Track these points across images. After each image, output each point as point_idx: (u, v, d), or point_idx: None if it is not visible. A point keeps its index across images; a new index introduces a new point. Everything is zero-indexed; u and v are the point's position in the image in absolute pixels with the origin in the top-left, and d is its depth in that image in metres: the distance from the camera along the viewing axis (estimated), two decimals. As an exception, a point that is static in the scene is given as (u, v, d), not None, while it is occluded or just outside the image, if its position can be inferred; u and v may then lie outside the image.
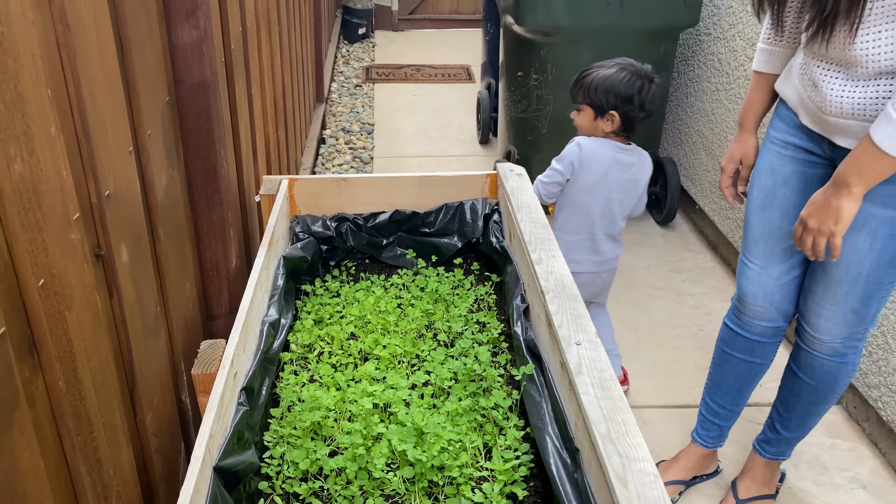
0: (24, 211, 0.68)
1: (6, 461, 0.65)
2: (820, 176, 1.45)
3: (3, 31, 0.65)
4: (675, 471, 1.82)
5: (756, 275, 1.58)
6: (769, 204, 1.52)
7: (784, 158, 1.49)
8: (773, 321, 1.60)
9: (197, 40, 1.23)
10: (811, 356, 1.53)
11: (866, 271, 1.38)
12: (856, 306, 1.43)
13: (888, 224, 1.33)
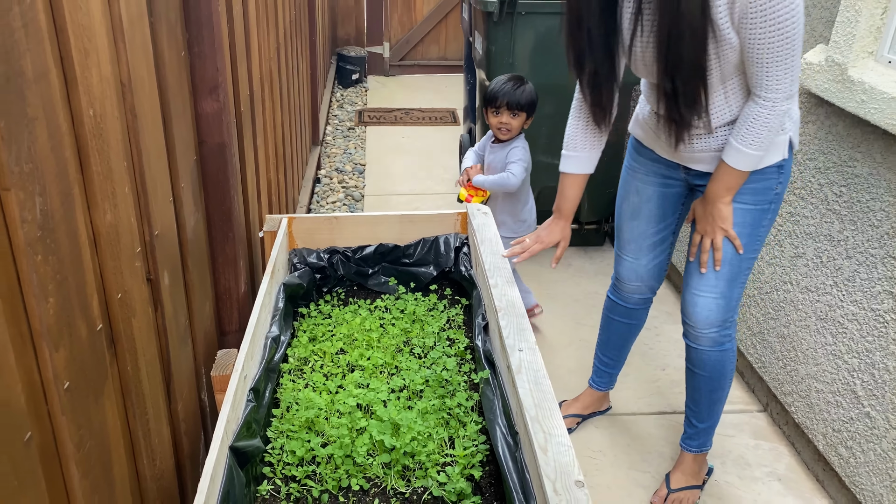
0: (110, 246, 1.00)
1: (100, 417, 0.95)
2: (676, 194, 1.87)
3: (102, 126, 0.97)
4: (575, 407, 2.30)
5: (630, 264, 2.00)
6: (637, 216, 1.93)
7: (647, 183, 1.88)
8: (644, 294, 2.06)
9: (217, 111, 1.56)
10: (699, 352, 1.86)
11: (729, 258, 1.73)
12: (722, 289, 1.76)
13: (744, 215, 1.69)
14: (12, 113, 0.72)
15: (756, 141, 1.56)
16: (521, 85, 2.45)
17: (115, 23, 1.02)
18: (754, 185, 1.66)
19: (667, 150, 1.77)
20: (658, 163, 1.84)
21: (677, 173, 1.82)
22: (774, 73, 1.48)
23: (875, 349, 1.79)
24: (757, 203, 1.68)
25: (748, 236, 1.71)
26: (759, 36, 1.44)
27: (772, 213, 1.71)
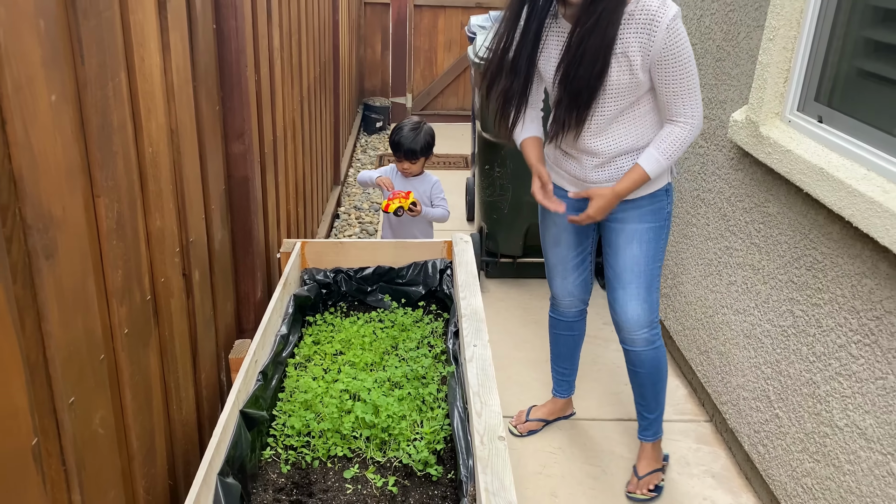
0: (158, 243, 1.41)
1: (145, 361, 1.36)
2: (586, 225, 2.22)
3: (157, 159, 1.39)
4: (541, 412, 2.64)
5: (560, 283, 2.37)
6: (558, 243, 2.29)
7: (561, 216, 2.21)
8: (578, 307, 2.42)
9: (243, 152, 1.99)
10: (637, 353, 2.19)
11: (643, 268, 2.09)
12: (646, 296, 2.11)
13: (645, 234, 2.07)
14: (103, 149, 1.15)
15: (671, 153, 1.94)
16: (418, 134, 2.89)
17: (168, 89, 1.46)
18: (651, 206, 2.06)
19: (575, 185, 2.13)
20: (567, 197, 2.18)
21: (585, 204, 2.15)
22: (686, 102, 1.89)
23: (781, 359, 2.12)
24: (656, 221, 2.08)
25: (654, 249, 2.09)
26: (670, 74, 1.85)
27: (667, 228, 2.11)
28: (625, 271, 2.12)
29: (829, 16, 2.00)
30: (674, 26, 1.82)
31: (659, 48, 1.83)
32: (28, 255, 0.94)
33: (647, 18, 1.83)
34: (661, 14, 1.81)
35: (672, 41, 1.83)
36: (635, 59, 1.86)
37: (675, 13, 1.82)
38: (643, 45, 1.85)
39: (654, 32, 1.82)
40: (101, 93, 1.13)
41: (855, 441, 1.77)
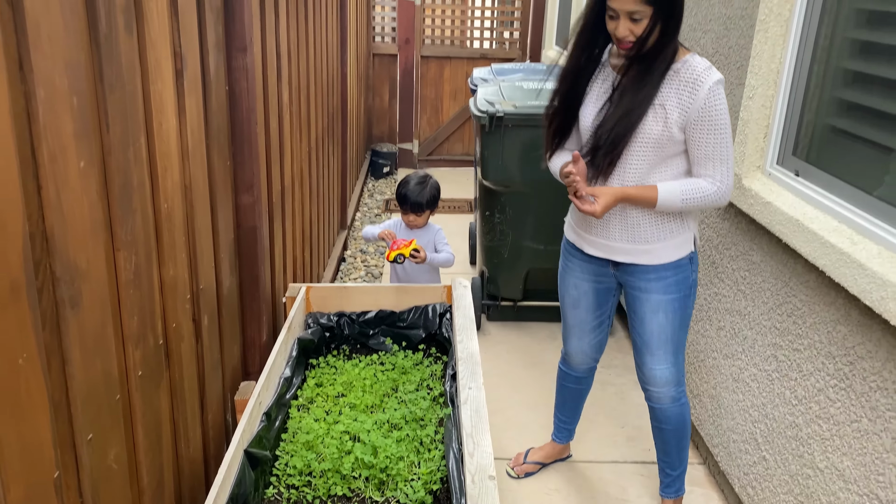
0: (171, 291, 1.53)
1: (156, 402, 1.46)
2: (607, 288, 2.24)
3: (171, 214, 1.51)
4: (539, 455, 2.69)
5: (576, 343, 2.40)
6: (577, 306, 2.31)
7: (582, 280, 2.25)
8: (589, 364, 2.46)
9: (251, 203, 2.12)
10: (663, 410, 2.23)
11: (670, 335, 2.12)
12: (673, 360, 2.15)
13: (671, 304, 2.09)
14: (124, 206, 1.27)
15: (689, 197, 1.94)
16: (424, 188, 2.95)
17: (183, 148, 1.59)
18: (676, 277, 2.07)
19: (595, 245, 2.15)
20: (590, 262, 2.20)
21: (607, 270, 2.18)
22: (718, 167, 1.92)
23: (767, 402, 2.20)
24: (681, 290, 2.09)
25: (681, 317, 2.11)
26: (705, 136, 1.90)
27: (693, 296, 2.12)
28: (652, 339, 2.14)
29: (804, 77, 2.12)
30: (716, 90, 1.87)
31: (698, 108, 1.88)
32: (56, 305, 1.05)
33: (691, 78, 1.88)
34: (706, 77, 1.87)
35: (711, 104, 1.87)
36: (672, 114, 1.91)
37: (718, 79, 1.87)
38: (682, 102, 1.89)
39: (696, 92, 1.87)
40: (123, 156, 1.26)
41: (835, 482, 1.84)
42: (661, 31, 1.85)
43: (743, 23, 2.39)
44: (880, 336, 1.66)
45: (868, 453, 1.70)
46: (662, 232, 2.05)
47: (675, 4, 1.85)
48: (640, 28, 1.83)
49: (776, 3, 2.14)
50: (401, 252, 2.80)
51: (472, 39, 6.87)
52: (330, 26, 3.97)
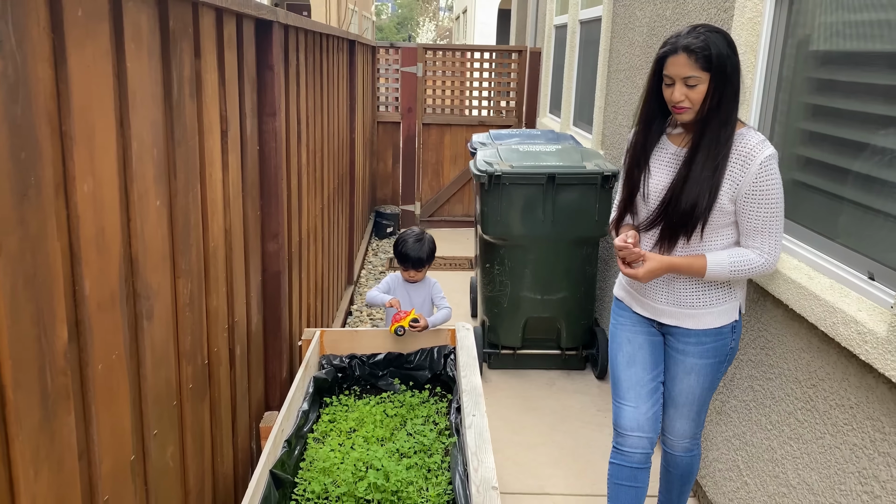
0: (214, 318, 1.75)
1: (201, 415, 1.66)
2: (658, 342, 2.20)
3: (216, 252, 1.75)
4: None
5: (632, 411, 2.16)
6: (633, 363, 2.18)
7: (636, 332, 2.20)
8: (645, 449, 2.17)
9: (276, 250, 2.37)
10: (675, 457, 2.30)
11: (697, 396, 2.17)
12: (695, 417, 2.21)
13: (704, 368, 2.12)
14: (184, 242, 1.51)
15: (737, 267, 1.96)
16: (423, 245, 3.09)
17: (225, 198, 1.84)
18: (715, 344, 2.08)
19: (642, 305, 2.18)
20: (637, 319, 2.21)
21: (653, 326, 2.19)
22: (767, 240, 1.93)
23: (746, 430, 2.39)
24: (716, 356, 2.10)
25: (711, 381, 2.14)
26: (756, 210, 1.91)
27: (727, 363, 2.14)
28: (679, 397, 2.18)
29: (767, 136, 2.40)
30: (768, 164, 1.88)
31: (749, 182, 1.89)
32: (136, 316, 1.28)
33: (744, 151, 1.91)
34: (758, 151, 1.89)
35: (763, 178, 1.88)
36: (724, 187, 1.93)
37: (771, 153, 1.89)
38: (734, 175, 1.91)
39: (747, 166, 1.89)
40: (184, 200, 1.51)
41: (805, 496, 2.02)
42: (719, 98, 1.88)
43: (713, 90, 2.69)
44: (836, 358, 1.88)
45: (831, 465, 1.90)
46: (708, 298, 2.06)
47: (733, 70, 1.89)
48: (697, 93, 1.88)
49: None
50: (401, 324, 2.83)
51: (470, 108, 7.27)
52: (341, 96, 4.30)
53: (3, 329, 0.85)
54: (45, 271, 0.95)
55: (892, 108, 1.81)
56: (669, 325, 2.14)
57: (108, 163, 1.13)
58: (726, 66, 1.88)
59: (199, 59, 1.58)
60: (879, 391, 1.70)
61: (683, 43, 1.88)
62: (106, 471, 1.16)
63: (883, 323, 1.67)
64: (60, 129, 1.00)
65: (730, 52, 1.89)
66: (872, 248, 1.86)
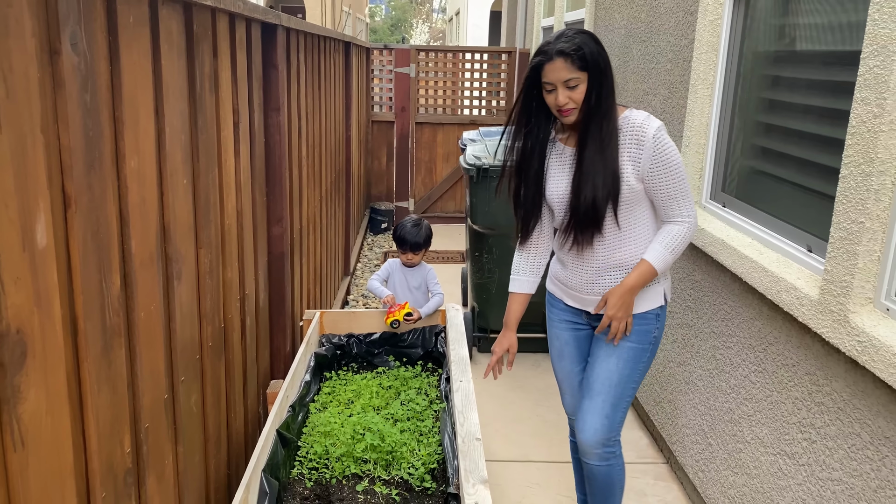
0: (229, 289, 1.98)
1: (218, 372, 1.89)
2: (585, 335, 2.26)
3: (230, 230, 1.98)
4: None
5: (569, 399, 2.37)
6: (562, 357, 2.32)
7: (562, 329, 2.29)
8: None
9: (280, 234, 2.59)
10: (590, 467, 2.21)
11: (614, 382, 2.13)
12: (608, 410, 2.12)
13: (626, 352, 2.12)
14: (204, 217, 1.74)
15: (673, 248, 2.02)
16: (420, 229, 3.23)
17: (237, 182, 2.07)
18: (638, 327, 2.10)
19: (571, 297, 2.22)
20: (567, 311, 2.26)
21: (581, 318, 2.24)
22: (680, 204, 2.00)
23: (710, 397, 2.63)
24: (639, 342, 2.12)
25: (630, 368, 2.12)
26: (663, 180, 1.97)
27: (650, 352, 2.15)
28: (596, 382, 2.15)
29: (726, 128, 2.64)
30: (659, 136, 1.95)
31: (649, 157, 1.95)
32: (167, 277, 1.50)
33: (634, 131, 1.96)
34: (647, 126, 1.95)
35: (660, 149, 1.95)
36: (627, 170, 1.98)
37: (658, 125, 1.96)
38: (633, 155, 1.97)
39: (642, 143, 1.95)
40: (205, 180, 1.74)
41: (757, 449, 2.26)
42: (598, 93, 1.94)
43: (682, 87, 2.93)
44: (781, 323, 2.12)
45: (777, 419, 2.13)
46: None
47: (606, 65, 1.95)
48: (579, 94, 1.93)
49: (702, 70, 2.68)
50: (396, 318, 2.96)
51: (462, 107, 7.50)
52: (337, 95, 4.53)
53: (77, 270, 1.08)
54: (105, 229, 1.17)
55: (827, 101, 2.04)
56: (598, 314, 2.18)
57: (148, 144, 1.36)
58: (599, 62, 1.93)
59: (217, 59, 1.81)
60: (815, 348, 1.94)
61: (557, 48, 1.91)
62: (146, 403, 1.38)
63: (816, 288, 1.91)
64: (113, 114, 1.22)
65: (600, 49, 1.95)
66: (810, 223, 2.10)
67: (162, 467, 1.48)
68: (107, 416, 1.20)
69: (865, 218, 1.68)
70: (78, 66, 1.06)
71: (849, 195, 1.74)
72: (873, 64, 1.65)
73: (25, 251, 0.93)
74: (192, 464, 1.69)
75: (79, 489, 1.11)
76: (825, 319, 1.82)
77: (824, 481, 1.90)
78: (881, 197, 1.65)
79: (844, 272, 1.75)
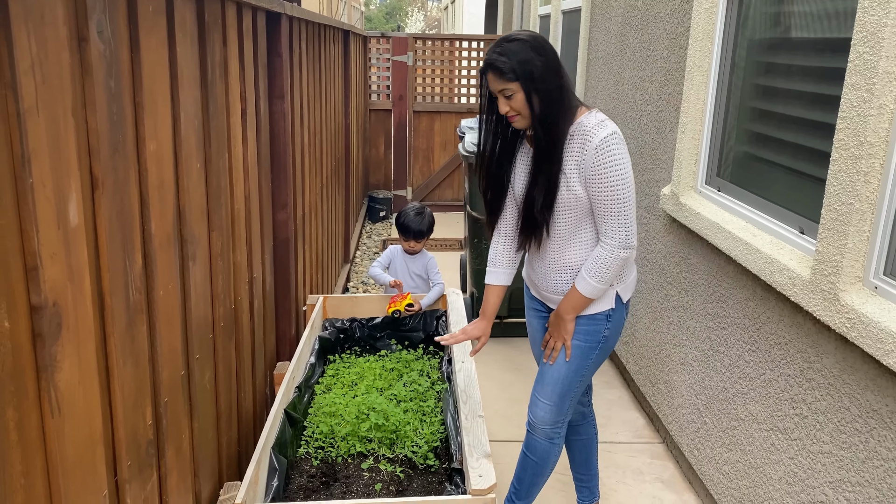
0: (238, 272, 2.03)
1: (228, 353, 1.94)
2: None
3: (238, 213, 2.03)
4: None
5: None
6: (534, 342, 2.40)
7: (532, 315, 2.37)
8: (576, 409, 2.45)
9: (285, 219, 2.64)
10: (534, 439, 2.28)
11: (562, 377, 2.19)
12: (557, 402, 2.21)
13: (574, 349, 2.16)
14: (216, 201, 1.79)
15: (597, 274, 2.01)
16: (423, 217, 3.33)
17: (245, 168, 2.12)
18: (587, 328, 2.13)
19: (535, 289, 2.29)
20: (534, 300, 2.35)
21: (545, 308, 2.31)
22: (610, 223, 1.96)
23: (704, 377, 2.70)
24: (587, 342, 2.15)
25: (577, 365, 2.18)
26: (598, 193, 1.94)
27: (599, 351, 2.17)
28: (547, 373, 2.21)
29: (721, 114, 2.70)
30: (604, 146, 1.89)
31: (589, 165, 1.91)
32: (182, 258, 1.56)
33: (582, 135, 1.93)
34: (595, 132, 1.90)
35: (602, 159, 1.89)
36: (572, 175, 1.96)
37: (608, 133, 1.90)
38: (577, 161, 1.94)
39: (585, 149, 1.92)
40: (217, 165, 1.79)
41: (750, 426, 2.33)
42: (541, 100, 1.91)
43: (678, 74, 2.99)
44: (774, 303, 2.19)
45: (770, 396, 2.20)
46: None
47: (538, 74, 1.89)
48: (517, 102, 1.91)
49: (698, 57, 2.74)
50: (397, 308, 3.02)
51: (459, 95, 7.54)
52: (337, 84, 4.57)
53: (104, 248, 1.14)
54: (128, 209, 1.23)
55: (819, 87, 2.10)
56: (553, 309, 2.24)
57: (165, 129, 1.41)
58: (530, 70, 1.89)
59: (226, 47, 1.86)
60: (806, 326, 2.01)
61: (488, 60, 1.94)
62: (165, 378, 1.44)
63: (808, 268, 1.97)
64: (134, 99, 1.28)
65: (533, 55, 1.90)
66: (803, 206, 2.16)
67: (179, 441, 1.54)
68: (131, 389, 1.25)
69: (855, 199, 1.74)
70: (104, 53, 1.11)
71: (839, 178, 1.80)
72: (863, 50, 1.71)
73: (60, 229, 0.99)
74: (206, 439, 1.76)
75: (107, 457, 1.17)
76: (816, 298, 1.88)
77: (815, 454, 1.97)
78: (870, 179, 1.72)
79: (835, 252, 1.82)
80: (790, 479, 2.09)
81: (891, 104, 1.67)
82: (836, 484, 1.87)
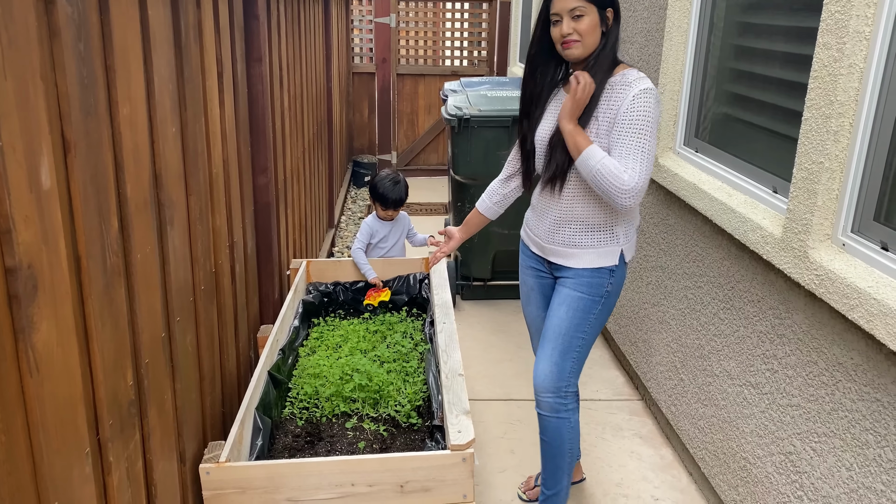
0: (218, 236, 2.04)
1: (210, 315, 1.97)
2: (549, 283, 2.31)
3: (217, 176, 2.04)
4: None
5: (536, 341, 2.46)
6: (528, 303, 2.41)
7: (529, 275, 2.36)
8: None
9: (265, 183, 2.65)
10: (542, 417, 2.25)
11: (563, 331, 2.16)
12: (556, 358, 2.16)
13: (576, 301, 2.15)
14: (193, 165, 1.80)
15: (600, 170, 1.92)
16: (400, 185, 3.31)
17: (223, 132, 2.12)
18: (591, 280, 2.12)
19: (535, 245, 2.28)
20: (533, 258, 2.32)
21: (545, 266, 2.29)
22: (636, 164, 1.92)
23: (682, 335, 2.75)
24: (591, 294, 2.14)
25: (580, 319, 2.14)
26: (622, 135, 1.93)
27: (602, 306, 2.15)
28: (548, 329, 2.19)
29: (700, 75, 2.71)
30: (643, 95, 1.93)
31: (624, 110, 1.93)
32: (160, 222, 1.57)
33: (624, 85, 1.97)
34: (637, 83, 1.95)
35: (636, 106, 1.92)
36: (602, 123, 1.98)
37: (647, 87, 1.94)
38: (612, 107, 1.97)
39: (623, 96, 1.95)
40: (193, 129, 1.79)
41: (724, 382, 2.39)
42: (606, 28, 1.98)
43: (657, 35, 2.98)
44: (748, 262, 2.23)
45: (743, 352, 2.26)
46: (589, 240, 2.12)
47: (616, 6, 1.97)
48: (583, 26, 1.94)
49: (677, 18, 2.73)
50: (370, 303, 3.05)
51: (443, 58, 7.48)
52: (318, 46, 4.53)
53: (79, 211, 1.15)
54: (102, 173, 1.24)
55: (794, 46, 2.12)
56: (556, 264, 2.22)
57: (139, 92, 1.41)
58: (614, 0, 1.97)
59: (200, 9, 1.84)
60: (778, 284, 2.05)
61: None
62: (145, 340, 1.47)
63: (779, 227, 2.01)
64: (105, 63, 1.27)
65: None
66: (776, 166, 2.19)
67: (162, 401, 1.57)
68: (110, 350, 1.28)
69: (825, 158, 1.77)
70: (71, 16, 1.11)
71: (810, 137, 1.83)
72: (835, 9, 1.72)
73: (32, 192, 1.00)
74: (190, 400, 1.79)
75: (88, 416, 1.20)
76: (787, 256, 1.92)
77: (784, 407, 2.03)
78: (839, 138, 1.74)
79: (805, 210, 1.85)
80: (761, 431, 2.16)
81: (860, 63, 1.69)
82: (804, 435, 1.94)
